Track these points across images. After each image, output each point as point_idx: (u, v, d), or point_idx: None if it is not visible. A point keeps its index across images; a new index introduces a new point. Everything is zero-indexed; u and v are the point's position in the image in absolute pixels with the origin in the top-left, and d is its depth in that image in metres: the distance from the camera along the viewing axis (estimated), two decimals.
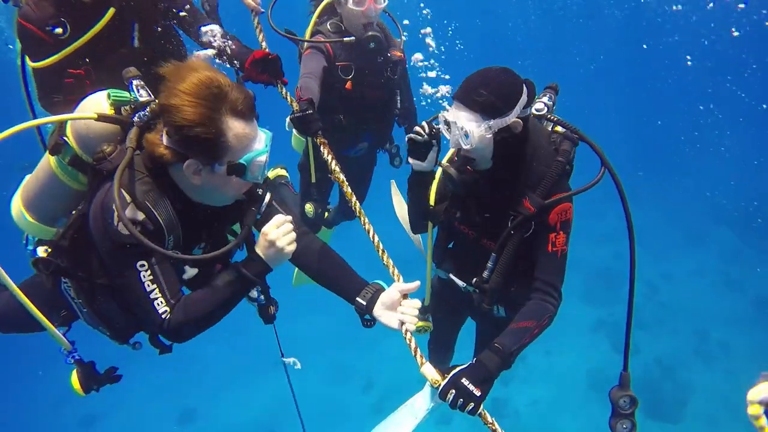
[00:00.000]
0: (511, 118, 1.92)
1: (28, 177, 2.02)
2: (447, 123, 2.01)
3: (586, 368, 6.87)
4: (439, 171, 2.29)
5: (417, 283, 1.94)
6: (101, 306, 1.95)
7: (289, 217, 1.74)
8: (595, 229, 9.21)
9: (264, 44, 2.89)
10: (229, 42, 2.82)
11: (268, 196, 1.91)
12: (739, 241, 9.12)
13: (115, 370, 2.14)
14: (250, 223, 1.80)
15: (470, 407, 1.79)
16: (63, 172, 1.87)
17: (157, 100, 1.65)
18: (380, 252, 2.13)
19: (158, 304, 1.62)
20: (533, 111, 2.12)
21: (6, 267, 1.69)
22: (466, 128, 1.92)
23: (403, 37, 3.55)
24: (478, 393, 1.80)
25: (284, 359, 2.60)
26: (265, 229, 1.71)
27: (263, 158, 1.65)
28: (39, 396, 7.49)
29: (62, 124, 1.81)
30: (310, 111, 2.62)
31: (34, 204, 1.96)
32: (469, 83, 1.95)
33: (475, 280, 2.22)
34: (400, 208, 3.81)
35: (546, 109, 2.20)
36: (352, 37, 3.20)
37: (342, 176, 2.47)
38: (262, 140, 1.66)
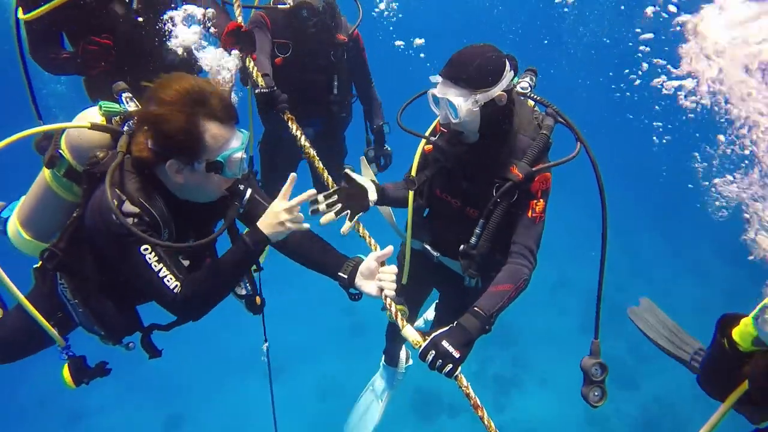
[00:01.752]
0: (497, 90, 2.06)
1: (23, 198, 2.17)
2: (435, 100, 2.14)
3: (583, 402, 6.74)
4: (420, 146, 2.45)
5: (390, 248, 2.02)
6: (96, 306, 2.04)
7: (296, 202, 1.85)
8: (596, 259, 9.15)
9: (240, 18, 2.91)
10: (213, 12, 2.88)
11: (249, 192, 2.03)
12: (746, 278, 9.02)
13: (105, 364, 2.23)
14: (233, 216, 1.93)
15: (448, 368, 1.87)
16: (58, 185, 2.01)
17: (141, 108, 1.80)
18: (357, 224, 2.24)
19: (168, 281, 1.74)
20: (519, 89, 2.29)
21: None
22: (455, 103, 2.05)
23: (359, 19, 3.49)
24: (457, 355, 1.88)
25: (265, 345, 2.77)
26: (274, 207, 1.84)
27: (239, 155, 1.77)
28: (24, 393, 7.41)
29: (57, 139, 1.94)
30: (275, 87, 2.71)
31: (31, 221, 2.11)
32: (455, 60, 2.09)
33: (462, 247, 2.29)
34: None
35: (529, 88, 2.35)
36: (286, 5, 3.17)
37: (313, 151, 2.53)
38: (239, 139, 1.79)
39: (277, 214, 1.82)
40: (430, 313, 3.72)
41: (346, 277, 2.02)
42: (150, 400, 7.24)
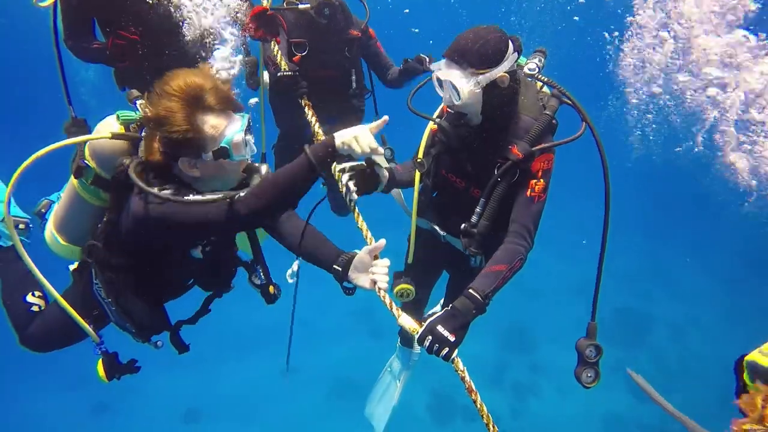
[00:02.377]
0: (498, 72, 2.07)
1: (56, 207, 2.33)
2: (439, 81, 2.16)
3: (602, 412, 6.61)
4: (427, 129, 2.49)
5: (383, 241, 2.04)
6: (127, 304, 2.16)
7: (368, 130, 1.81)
8: (617, 267, 8.97)
9: (265, 2, 2.94)
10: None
11: (264, 168, 2.01)
12: None
13: (135, 361, 2.36)
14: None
15: (445, 352, 1.91)
16: (86, 192, 2.14)
17: (144, 113, 1.85)
18: (356, 215, 2.25)
19: (220, 203, 1.76)
20: (526, 70, 2.30)
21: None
22: (456, 84, 2.06)
23: (368, 16, 3.50)
24: (452, 339, 1.91)
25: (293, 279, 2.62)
26: (359, 131, 1.78)
27: (241, 136, 1.83)
28: (54, 378, 7.62)
29: (81, 150, 2.06)
30: (298, 71, 2.77)
31: (65, 226, 2.26)
32: (458, 42, 2.10)
33: (463, 226, 2.32)
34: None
35: (537, 69, 2.34)
36: (308, 5, 3.18)
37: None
38: (238, 122, 1.85)
39: (361, 130, 1.79)
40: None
41: (340, 269, 2.04)
42: (171, 391, 7.38)
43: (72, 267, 2.37)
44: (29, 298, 2.31)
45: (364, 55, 3.60)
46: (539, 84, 2.37)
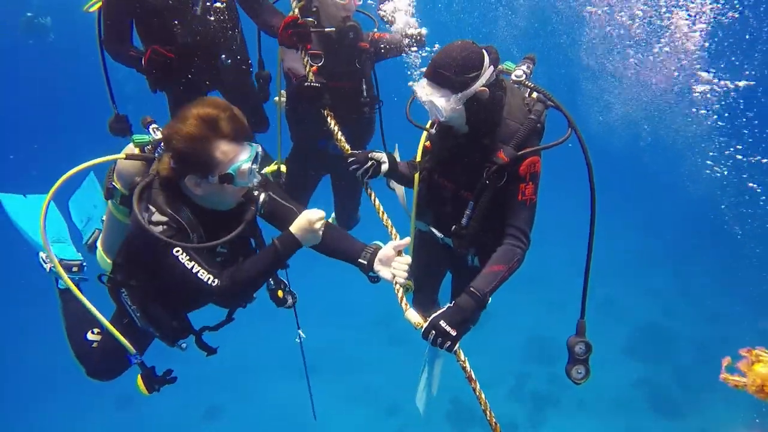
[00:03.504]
0: (476, 88, 2.17)
1: (102, 228, 2.55)
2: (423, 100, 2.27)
3: (621, 426, 6.51)
4: (423, 135, 2.67)
5: (407, 239, 2.28)
6: (151, 311, 2.33)
7: (322, 213, 2.09)
8: (643, 282, 8.84)
9: (296, 11, 3.04)
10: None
11: (262, 197, 2.24)
12: None
13: (170, 372, 2.52)
14: (250, 218, 2.14)
15: (447, 345, 2.10)
16: (118, 212, 2.32)
17: (165, 131, 2.03)
18: (381, 214, 2.60)
19: (202, 275, 1.96)
20: (513, 77, 2.36)
21: None
22: (436, 104, 2.19)
23: (377, 25, 3.57)
24: (453, 333, 2.09)
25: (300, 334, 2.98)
26: (311, 216, 2.07)
27: (248, 165, 1.99)
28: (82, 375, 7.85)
29: (110, 173, 2.25)
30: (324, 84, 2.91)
31: (109, 246, 2.46)
32: (434, 63, 2.20)
33: (454, 227, 2.46)
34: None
35: (524, 76, 2.39)
36: (333, 28, 3.23)
37: (347, 146, 2.77)
38: (247, 152, 2.01)
39: (311, 220, 2.05)
40: None
41: (366, 263, 2.22)
42: (192, 388, 7.53)
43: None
44: (89, 336, 2.47)
45: (377, 60, 3.64)
46: (527, 90, 2.44)
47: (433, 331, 2.10)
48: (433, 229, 2.71)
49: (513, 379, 7.28)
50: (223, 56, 3.24)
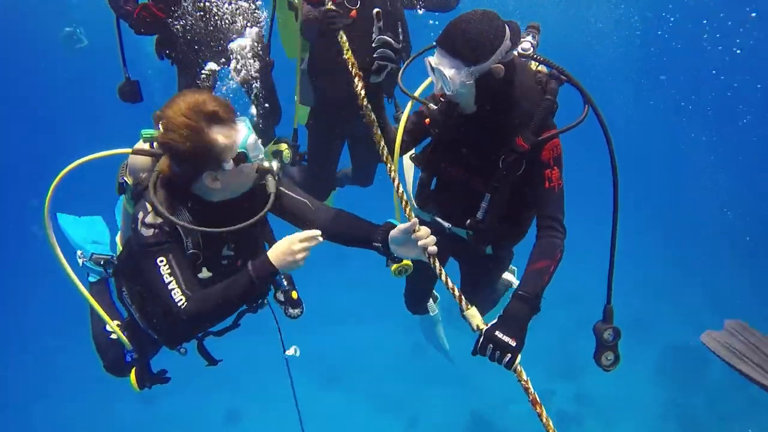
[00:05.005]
0: (491, 64, 1.93)
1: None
2: (432, 67, 2.04)
3: None
4: (406, 111, 2.34)
5: (416, 220, 1.95)
6: (149, 311, 2.30)
7: (317, 233, 1.88)
8: (672, 301, 8.55)
9: None
10: None
11: (275, 165, 2.10)
12: None
13: (164, 372, 2.50)
14: (273, 190, 2.01)
15: (507, 358, 1.84)
16: (130, 207, 2.26)
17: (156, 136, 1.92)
18: (400, 195, 2.10)
19: (174, 294, 1.85)
20: (519, 50, 2.12)
21: None
22: (447, 75, 1.95)
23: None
24: (513, 343, 1.85)
25: (286, 354, 2.87)
26: (293, 240, 1.86)
27: (253, 137, 1.93)
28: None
29: (122, 168, 2.23)
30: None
31: (124, 237, 2.50)
32: (450, 30, 1.95)
33: (469, 221, 2.26)
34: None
35: (532, 48, 2.17)
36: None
37: (373, 116, 2.16)
38: (244, 125, 1.93)
39: (293, 248, 1.85)
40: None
41: (380, 245, 2.02)
42: (213, 391, 7.60)
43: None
44: (108, 327, 2.46)
45: (409, 7, 3.52)
46: (534, 63, 2.24)
47: (490, 345, 1.85)
48: (440, 219, 2.45)
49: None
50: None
